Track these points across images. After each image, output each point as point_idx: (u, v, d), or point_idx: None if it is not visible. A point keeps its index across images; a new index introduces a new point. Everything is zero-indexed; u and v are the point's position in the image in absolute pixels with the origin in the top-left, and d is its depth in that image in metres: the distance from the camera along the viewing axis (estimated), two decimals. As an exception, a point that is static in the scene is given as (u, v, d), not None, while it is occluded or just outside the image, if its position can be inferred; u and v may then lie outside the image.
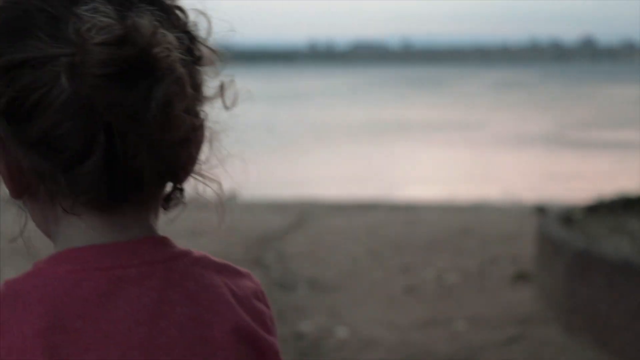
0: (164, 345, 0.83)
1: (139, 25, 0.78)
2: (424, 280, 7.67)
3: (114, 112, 0.79)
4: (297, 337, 6.17)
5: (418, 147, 32.51)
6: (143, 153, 0.82)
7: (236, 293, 0.91)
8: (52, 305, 0.80)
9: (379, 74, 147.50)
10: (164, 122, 0.81)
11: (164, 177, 0.90)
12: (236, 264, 1.08)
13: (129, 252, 0.87)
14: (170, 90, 0.80)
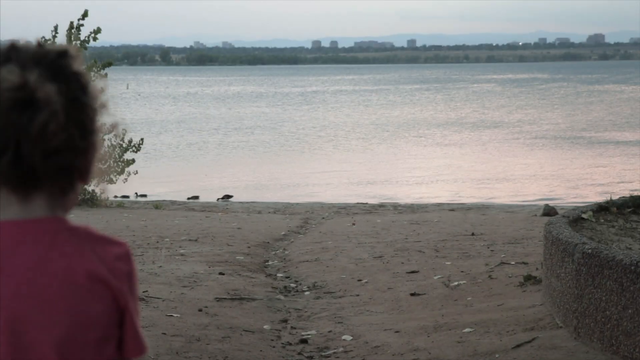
0: (45, 283, 1.35)
1: (28, 76, 1.33)
2: (430, 284, 7.56)
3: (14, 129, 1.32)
4: (302, 342, 6.07)
5: (425, 147, 32.42)
6: (36, 156, 1.33)
7: (99, 254, 1.39)
8: None
9: (385, 74, 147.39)
10: (42, 136, 1.32)
11: (57, 174, 1.37)
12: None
13: (30, 225, 1.37)
14: (46, 117, 1.32)
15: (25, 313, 1.34)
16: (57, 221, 1.41)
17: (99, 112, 1.46)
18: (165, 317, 6.39)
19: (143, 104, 62.86)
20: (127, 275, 1.42)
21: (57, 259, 1.37)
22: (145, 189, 20.51)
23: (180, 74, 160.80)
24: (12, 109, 1.33)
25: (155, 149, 31.31)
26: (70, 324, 1.35)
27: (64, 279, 1.36)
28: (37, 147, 1.33)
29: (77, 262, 1.38)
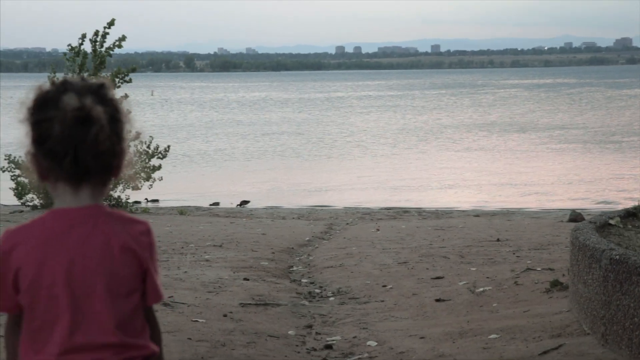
0: (90, 254, 1.91)
1: (85, 101, 1.88)
2: (455, 290, 7.52)
3: (77, 137, 1.88)
4: (326, 348, 6.06)
5: (451, 152, 32.31)
6: (89, 158, 1.89)
7: (128, 231, 1.95)
8: (42, 230, 1.92)
9: (410, 80, 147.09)
10: (96, 141, 1.89)
11: (103, 169, 1.93)
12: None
13: (79, 212, 1.93)
14: (98, 129, 1.88)
15: (78, 274, 1.92)
16: (98, 208, 1.96)
17: (128, 126, 2.00)
18: (191, 322, 6.41)
19: (169, 110, 63.16)
20: (148, 245, 1.99)
21: (98, 236, 1.94)
22: (168, 195, 20.60)
23: (205, 80, 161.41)
24: (73, 124, 1.88)
25: (183, 155, 31.44)
26: (107, 281, 1.93)
27: (103, 251, 1.93)
28: (90, 151, 1.89)
29: (113, 238, 1.94)
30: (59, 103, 1.88)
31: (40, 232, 1.92)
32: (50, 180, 1.94)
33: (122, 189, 17.11)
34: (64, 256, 1.90)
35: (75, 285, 1.90)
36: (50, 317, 1.90)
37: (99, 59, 17.25)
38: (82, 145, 1.87)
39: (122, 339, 1.92)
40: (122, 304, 1.93)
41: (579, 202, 19.53)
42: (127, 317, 1.94)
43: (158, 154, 17.15)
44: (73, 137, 1.87)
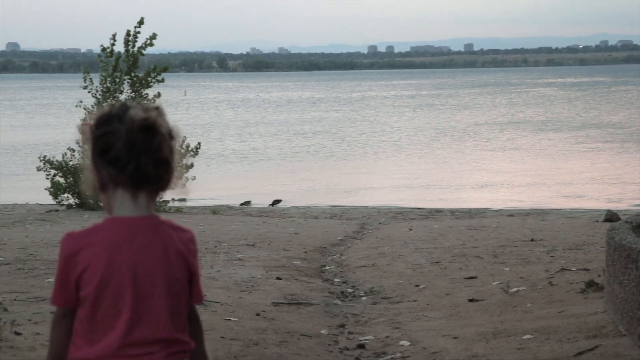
0: (151, 258, 2.12)
1: (148, 115, 2.10)
2: (489, 290, 7.47)
3: (140, 148, 2.07)
4: (359, 347, 6.05)
5: (486, 151, 32.12)
6: (149, 166, 2.09)
7: (181, 238, 2.18)
8: (108, 235, 2.11)
9: (443, 79, 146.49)
10: (159, 148, 2.09)
11: (159, 179, 2.12)
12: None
13: (142, 221, 2.13)
14: (161, 137, 2.10)
15: (141, 275, 2.13)
16: (155, 217, 2.18)
17: (177, 143, 2.18)
18: (224, 321, 6.43)
19: (202, 110, 63.47)
20: (195, 252, 2.23)
21: (158, 243, 2.16)
22: (201, 193, 20.70)
23: (237, 80, 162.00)
24: (140, 132, 2.09)
25: (217, 154, 31.59)
26: (165, 282, 2.15)
27: (163, 256, 2.16)
28: (151, 157, 2.09)
29: (170, 244, 2.17)
30: (124, 117, 2.10)
31: (107, 237, 2.12)
32: (109, 189, 2.14)
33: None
34: (130, 259, 2.12)
35: (138, 285, 2.11)
36: (112, 312, 2.10)
37: (132, 58, 17.39)
38: (145, 152, 2.08)
39: (172, 334, 2.15)
40: (174, 303, 2.16)
41: (615, 202, 19.32)
42: (176, 315, 2.17)
43: (190, 152, 17.23)
44: (138, 143, 2.08)
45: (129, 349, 2.10)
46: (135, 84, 17.38)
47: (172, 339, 2.15)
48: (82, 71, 17.70)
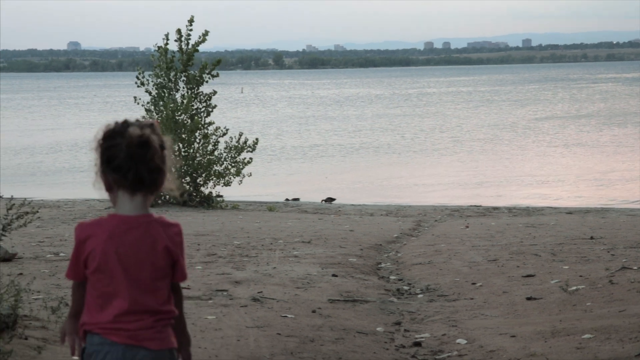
0: (142, 250, 2.74)
1: (143, 132, 2.71)
2: (547, 288, 7.38)
3: (137, 159, 2.70)
4: (415, 345, 6.02)
5: (547, 147, 31.69)
6: (145, 172, 2.71)
7: (167, 233, 2.77)
8: (108, 228, 2.74)
9: (501, 75, 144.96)
10: (151, 159, 2.71)
11: (152, 183, 2.73)
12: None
13: (136, 218, 2.74)
14: (153, 150, 2.72)
15: (132, 263, 2.73)
16: (148, 216, 2.76)
17: (168, 153, 2.77)
18: (280, 317, 6.46)
19: (260, 107, 63.83)
20: (179, 243, 2.80)
21: (148, 237, 2.75)
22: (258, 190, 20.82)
23: (294, 77, 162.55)
24: (136, 146, 2.67)
25: (275, 150, 31.75)
26: (151, 268, 2.75)
27: (150, 248, 2.75)
28: (146, 166, 2.69)
29: (158, 240, 2.76)
30: (125, 133, 2.70)
31: (107, 229, 2.74)
32: (114, 191, 2.74)
33: (212, 185, 17.39)
34: (123, 250, 2.73)
35: (129, 270, 2.73)
36: (110, 289, 2.73)
37: (187, 56, 17.57)
38: (141, 162, 2.69)
39: (157, 307, 2.76)
40: (159, 284, 2.77)
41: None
42: (161, 292, 2.78)
43: (247, 148, 17.33)
44: (135, 155, 2.68)
45: (126, 316, 2.72)
46: (190, 81, 17.57)
47: (157, 310, 2.76)
48: (140, 68, 17.95)
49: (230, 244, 10.62)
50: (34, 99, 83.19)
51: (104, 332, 2.72)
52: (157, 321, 2.75)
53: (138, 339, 2.72)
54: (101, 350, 2.72)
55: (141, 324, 2.73)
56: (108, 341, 2.72)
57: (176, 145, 17.21)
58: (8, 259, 8.63)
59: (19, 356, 4.69)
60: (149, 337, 2.73)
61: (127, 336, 2.72)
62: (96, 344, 2.72)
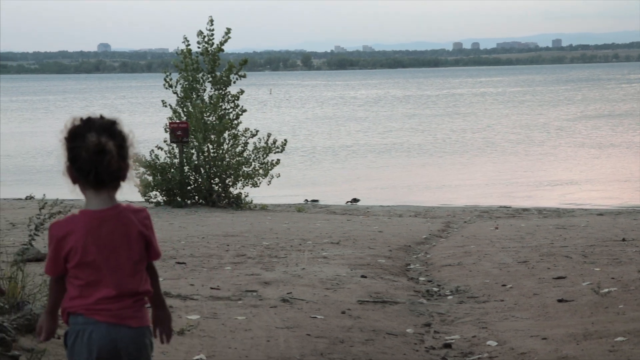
0: (116, 238, 2.96)
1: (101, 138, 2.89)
2: (578, 290, 7.31)
3: (96, 162, 2.89)
4: (445, 347, 6.00)
5: (578, 148, 31.45)
6: (105, 174, 2.91)
7: (138, 218, 3.00)
8: (83, 224, 2.95)
9: (531, 75, 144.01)
10: (108, 165, 2.90)
11: (113, 182, 2.94)
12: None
13: (106, 212, 2.96)
14: (110, 157, 2.89)
15: (110, 253, 2.95)
16: (117, 207, 2.97)
17: (131, 147, 2.98)
18: (310, 318, 6.46)
19: (289, 108, 63.93)
20: (149, 225, 3.03)
21: (121, 227, 2.96)
22: (285, 190, 20.85)
23: (322, 78, 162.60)
24: (94, 154, 2.87)
25: (305, 151, 31.79)
26: (128, 254, 2.97)
27: (124, 236, 2.97)
28: (105, 170, 2.89)
29: (130, 226, 2.98)
30: (84, 138, 2.88)
31: (82, 225, 2.94)
32: (80, 185, 2.95)
33: (241, 186, 17.44)
34: (100, 242, 2.94)
35: (110, 260, 2.94)
36: (94, 278, 2.94)
37: (212, 56, 17.65)
38: (99, 167, 2.88)
39: (136, 288, 2.98)
40: (136, 267, 2.99)
41: None
42: (139, 274, 2.99)
43: (276, 149, 17.37)
44: (93, 161, 2.87)
45: (109, 300, 2.94)
46: (217, 82, 17.65)
47: (136, 291, 2.98)
48: (170, 70, 18.06)
49: (259, 244, 10.65)
50: (66, 100, 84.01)
51: (87, 313, 2.93)
52: (136, 302, 2.98)
53: (120, 317, 2.94)
54: (86, 329, 2.92)
55: (122, 304, 2.94)
56: (92, 320, 2.92)
57: (205, 146, 17.31)
58: (40, 259, 8.71)
59: (52, 355, 4.73)
60: (129, 316, 2.95)
61: (109, 315, 2.93)
62: (80, 323, 2.93)
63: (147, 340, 3.01)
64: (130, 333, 2.95)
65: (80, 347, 2.93)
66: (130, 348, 2.96)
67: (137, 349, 2.97)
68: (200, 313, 6.37)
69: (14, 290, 5.07)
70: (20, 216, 13.69)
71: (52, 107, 71.28)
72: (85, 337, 2.92)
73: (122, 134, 2.94)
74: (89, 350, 2.92)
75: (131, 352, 2.96)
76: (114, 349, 2.94)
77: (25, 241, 7.98)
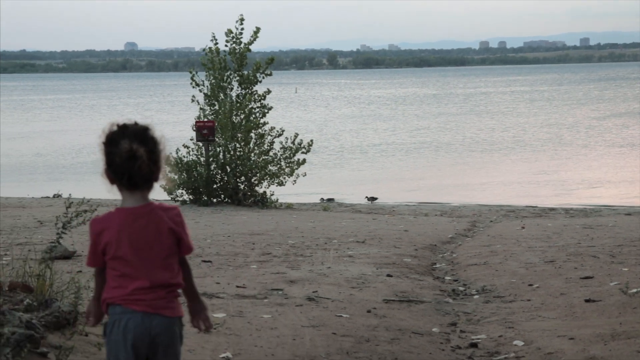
0: (148, 234, 3.20)
1: (133, 145, 3.13)
2: (606, 290, 7.25)
3: (128, 167, 3.15)
4: (471, 346, 5.98)
5: (606, 147, 31.20)
6: (137, 177, 3.17)
7: (169, 215, 3.23)
8: (118, 221, 3.21)
9: (559, 74, 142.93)
10: (139, 169, 3.14)
11: (145, 183, 3.19)
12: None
13: (139, 209, 3.20)
14: (140, 162, 3.14)
15: (142, 247, 3.18)
16: (149, 205, 3.20)
17: (162, 151, 3.20)
18: (335, 317, 6.47)
19: (315, 106, 63.93)
20: (180, 222, 3.24)
21: (152, 223, 3.20)
22: (312, 188, 20.85)
23: (348, 77, 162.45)
24: (126, 160, 3.11)
25: (332, 150, 31.79)
26: (158, 247, 3.19)
27: (156, 232, 3.19)
28: (137, 174, 3.13)
29: (161, 222, 3.21)
30: (118, 144, 3.12)
31: (117, 222, 3.18)
32: (117, 185, 3.18)
33: (267, 185, 17.47)
34: (132, 237, 3.17)
35: (142, 253, 3.17)
36: (128, 270, 3.17)
37: (239, 55, 17.68)
38: (131, 171, 3.12)
39: (168, 280, 3.21)
40: (170, 260, 3.22)
41: None
42: (170, 267, 3.22)
43: (302, 149, 17.38)
44: (126, 167, 3.12)
45: (143, 291, 3.16)
46: (244, 81, 17.69)
47: (168, 283, 3.20)
48: (196, 69, 18.13)
49: (284, 243, 10.67)
50: (94, 99, 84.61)
51: (124, 303, 3.16)
52: (168, 293, 3.20)
53: (154, 307, 3.16)
54: (122, 318, 3.15)
55: (156, 296, 3.17)
56: (129, 310, 3.15)
57: (231, 145, 17.36)
58: (68, 256, 8.79)
59: (80, 352, 4.77)
60: (163, 306, 3.18)
61: (145, 305, 3.16)
62: (118, 313, 3.16)
63: (177, 331, 3.21)
64: (164, 322, 3.17)
65: (117, 335, 3.14)
66: (164, 336, 3.17)
67: (170, 337, 3.18)
68: (226, 311, 6.39)
69: (42, 288, 5.11)
70: (48, 214, 13.82)
71: (80, 106, 71.81)
72: (122, 325, 3.14)
73: (153, 140, 3.17)
74: (125, 338, 3.13)
75: (164, 340, 3.17)
76: (149, 337, 3.15)
77: (53, 239, 8.07)
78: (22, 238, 10.45)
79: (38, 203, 17.44)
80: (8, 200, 18.50)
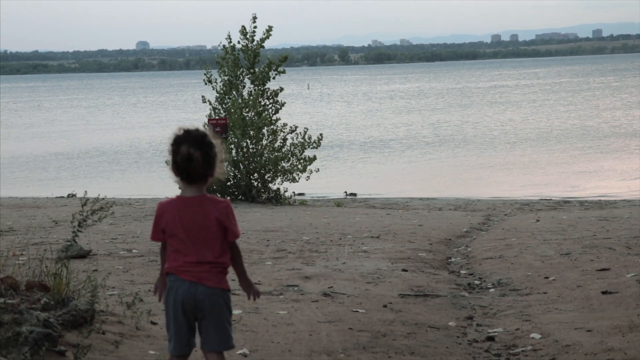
0: (199, 219, 3.87)
1: (190, 149, 3.80)
2: (623, 282, 7.22)
3: (186, 167, 3.83)
4: (488, 340, 5.96)
5: (623, 139, 31.05)
6: (194, 174, 3.85)
7: (217, 207, 3.89)
8: (176, 206, 3.90)
9: (571, 66, 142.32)
10: (195, 169, 3.83)
11: (200, 180, 3.87)
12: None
13: (194, 198, 3.89)
14: (196, 163, 3.83)
15: (193, 229, 3.83)
16: (203, 196, 3.84)
17: (218, 154, 3.83)
18: (351, 312, 6.46)
19: (328, 102, 63.89)
20: (227, 214, 3.85)
21: (203, 211, 3.83)
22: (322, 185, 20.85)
23: (360, 72, 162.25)
24: (184, 161, 3.76)
25: (345, 145, 31.78)
26: (205, 231, 3.83)
27: (205, 218, 3.83)
28: (193, 172, 3.77)
29: (211, 212, 3.83)
30: (180, 147, 3.76)
31: (175, 206, 3.84)
32: (179, 178, 3.80)
33: (280, 182, 17.48)
34: (185, 220, 3.82)
35: (191, 234, 3.82)
36: (181, 247, 3.83)
37: (252, 53, 17.70)
38: (189, 170, 3.77)
39: (212, 259, 3.84)
40: (213, 243, 3.84)
41: None
42: (216, 247, 3.85)
43: (312, 144, 17.38)
44: (185, 166, 3.77)
45: (191, 264, 3.82)
46: (256, 79, 17.71)
47: (211, 261, 3.84)
48: (209, 67, 18.17)
49: (299, 239, 10.67)
50: (109, 98, 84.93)
51: (177, 272, 3.83)
52: (212, 267, 3.83)
53: (199, 277, 3.81)
54: (174, 285, 3.82)
55: (201, 269, 3.82)
56: (180, 278, 3.82)
57: (244, 142, 17.38)
58: (83, 255, 8.83)
59: (97, 350, 4.79)
60: (206, 278, 3.82)
61: (191, 275, 3.81)
62: (172, 280, 3.83)
63: (221, 300, 3.84)
64: (206, 291, 3.81)
65: (170, 297, 3.82)
66: (206, 302, 3.81)
67: (212, 304, 3.81)
68: (242, 308, 6.40)
69: (59, 287, 5.13)
70: (63, 214, 13.88)
71: (98, 105, 72.06)
72: (173, 291, 3.82)
73: (209, 144, 3.80)
74: (175, 301, 3.81)
75: (207, 305, 3.81)
76: (194, 301, 3.80)
77: (69, 238, 8.11)
78: (38, 238, 10.50)
79: (52, 203, 17.51)
80: (23, 200, 18.60)
